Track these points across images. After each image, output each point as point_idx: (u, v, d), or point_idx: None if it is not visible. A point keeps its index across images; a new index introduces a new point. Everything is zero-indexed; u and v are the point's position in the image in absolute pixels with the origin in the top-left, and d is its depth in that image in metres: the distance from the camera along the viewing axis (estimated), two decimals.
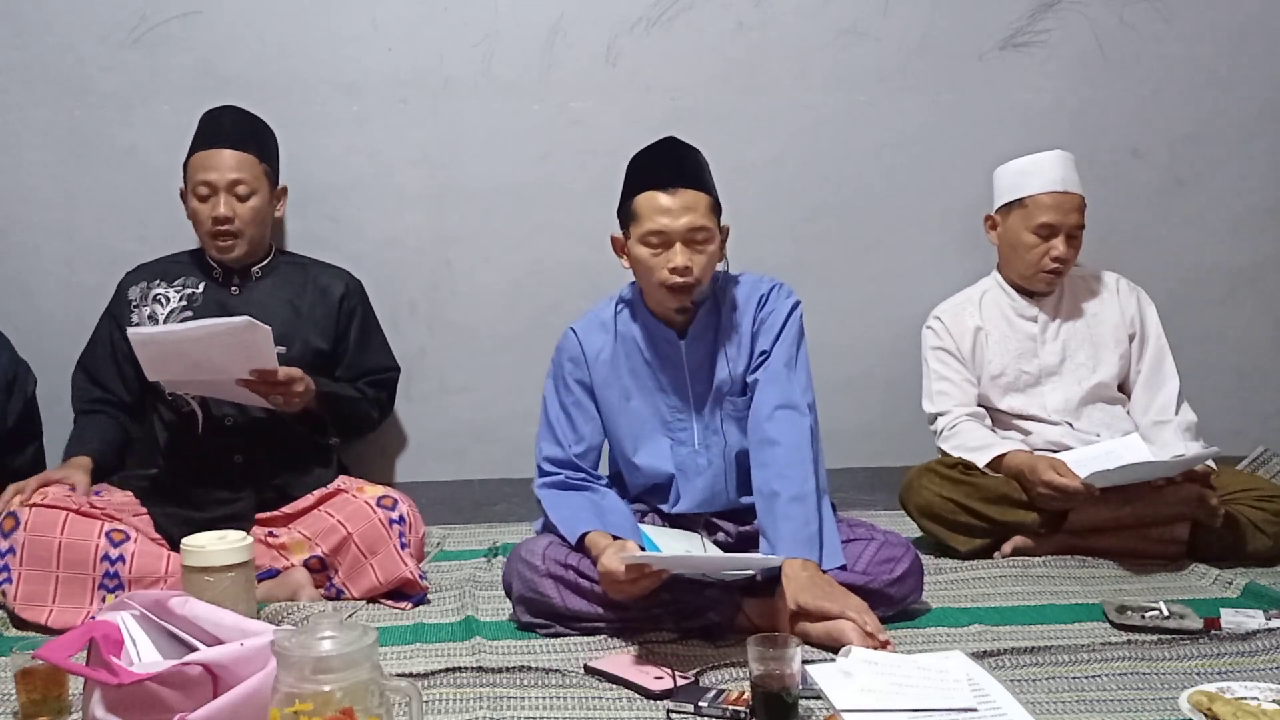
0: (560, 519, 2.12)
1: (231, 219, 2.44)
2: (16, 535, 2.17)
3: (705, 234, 2.10)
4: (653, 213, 2.09)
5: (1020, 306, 2.71)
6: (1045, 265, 2.62)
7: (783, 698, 1.58)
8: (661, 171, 2.13)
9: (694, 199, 2.10)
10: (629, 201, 2.15)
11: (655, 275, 2.12)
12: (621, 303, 2.29)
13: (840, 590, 1.98)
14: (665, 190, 2.09)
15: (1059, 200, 2.60)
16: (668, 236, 2.09)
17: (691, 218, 2.08)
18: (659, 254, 2.11)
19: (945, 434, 2.64)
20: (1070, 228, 2.60)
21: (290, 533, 2.34)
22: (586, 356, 2.25)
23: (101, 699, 1.44)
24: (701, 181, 2.14)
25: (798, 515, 2.04)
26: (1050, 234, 2.60)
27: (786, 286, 2.26)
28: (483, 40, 2.82)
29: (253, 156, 2.48)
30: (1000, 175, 2.70)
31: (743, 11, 2.85)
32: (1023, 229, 2.62)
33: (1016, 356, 2.68)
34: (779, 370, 2.17)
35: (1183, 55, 2.94)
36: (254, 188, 2.47)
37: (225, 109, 2.54)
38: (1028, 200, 2.62)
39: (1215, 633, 1.97)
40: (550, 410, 2.27)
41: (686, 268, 2.09)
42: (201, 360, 2.23)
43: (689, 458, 2.23)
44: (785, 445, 2.11)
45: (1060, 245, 2.60)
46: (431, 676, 1.82)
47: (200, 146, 2.47)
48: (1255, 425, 2.81)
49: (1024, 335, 2.69)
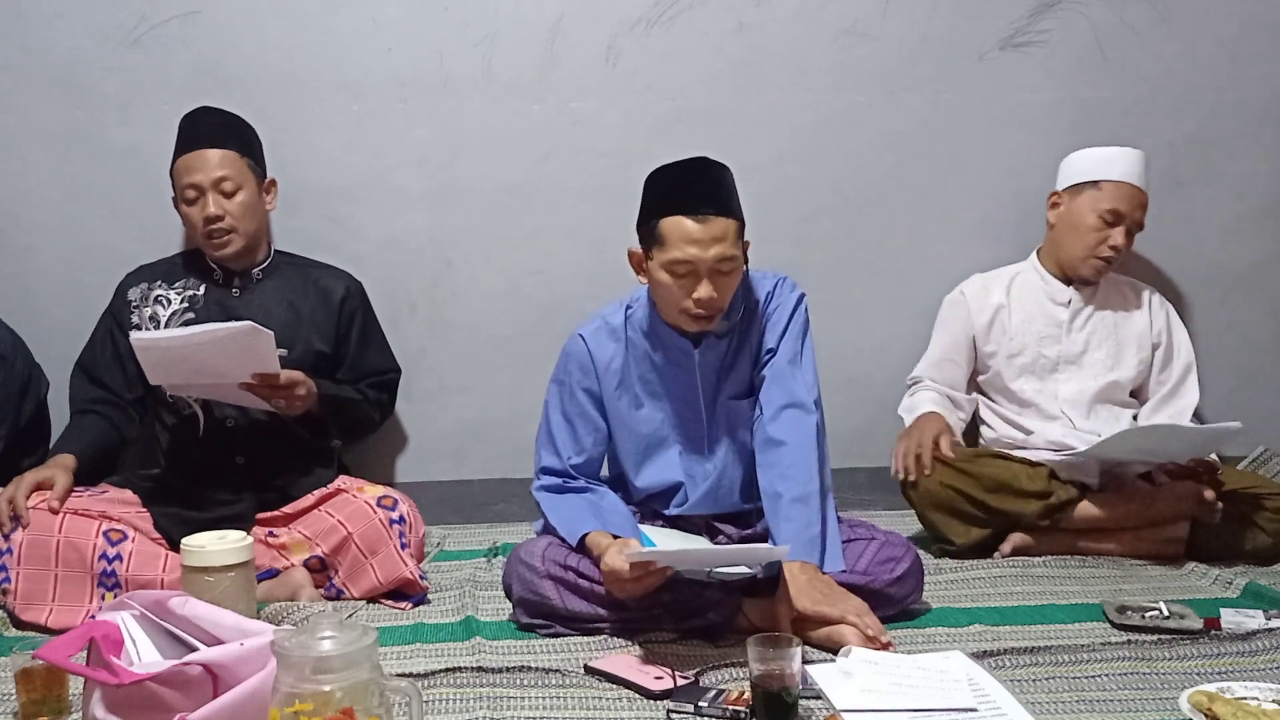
0: (560, 521, 2.12)
1: (221, 216, 2.43)
2: (15, 535, 2.18)
3: (733, 264, 2.02)
4: (681, 241, 1.99)
5: (1053, 290, 2.72)
6: (1101, 251, 2.63)
7: (783, 698, 1.58)
8: (692, 196, 2.01)
9: (724, 228, 1.99)
10: (653, 221, 2.03)
11: (678, 304, 2.05)
12: (632, 308, 2.23)
13: (840, 592, 1.97)
14: (695, 217, 1.98)
15: (1133, 193, 2.62)
16: (695, 268, 2.00)
17: (721, 248, 1.99)
18: (684, 283, 2.02)
19: (906, 397, 2.72)
20: (1132, 223, 2.63)
21: (290, 533, 2.34)
22: (596, 365, 2.19)
23: (101, 699, 1.44)
24: (730, 208, 2.03)
25: (800, 517, 2.04)
26: (1115, 221, 2.61)
27: (790, 280, 2.23)
28: (483, 40, 2.82)
29: (234, 152, 2.47)
30: (1075, 158, 2.70)
31: (743, 12, 2.85)
32: (1090, 210, 2.63)
33: (1039, 339, 2.69)
34: (784, 368, 2.15)
35: (1183, 55, 2.93)
36: (239, 183, 2.46)
37: (200, 110, 2.52)
38: (1104, 184, 2.63)
39: (1215, 633, 1.97)
40: (552, 418, 2.23)
41: (712, 299, 2.02)
42: (204, 364, 2.24)
43: (697, 464, 2.21)
44: (790, 445, 2.10)
45: (1119, 235, 2.61)
46: (431, 676, 1.82)
47: (181, 151, 2.47)
48: (1255, 425, 2.80)
49: (1051, 319, 2.70)
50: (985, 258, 2.84)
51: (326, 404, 2.46)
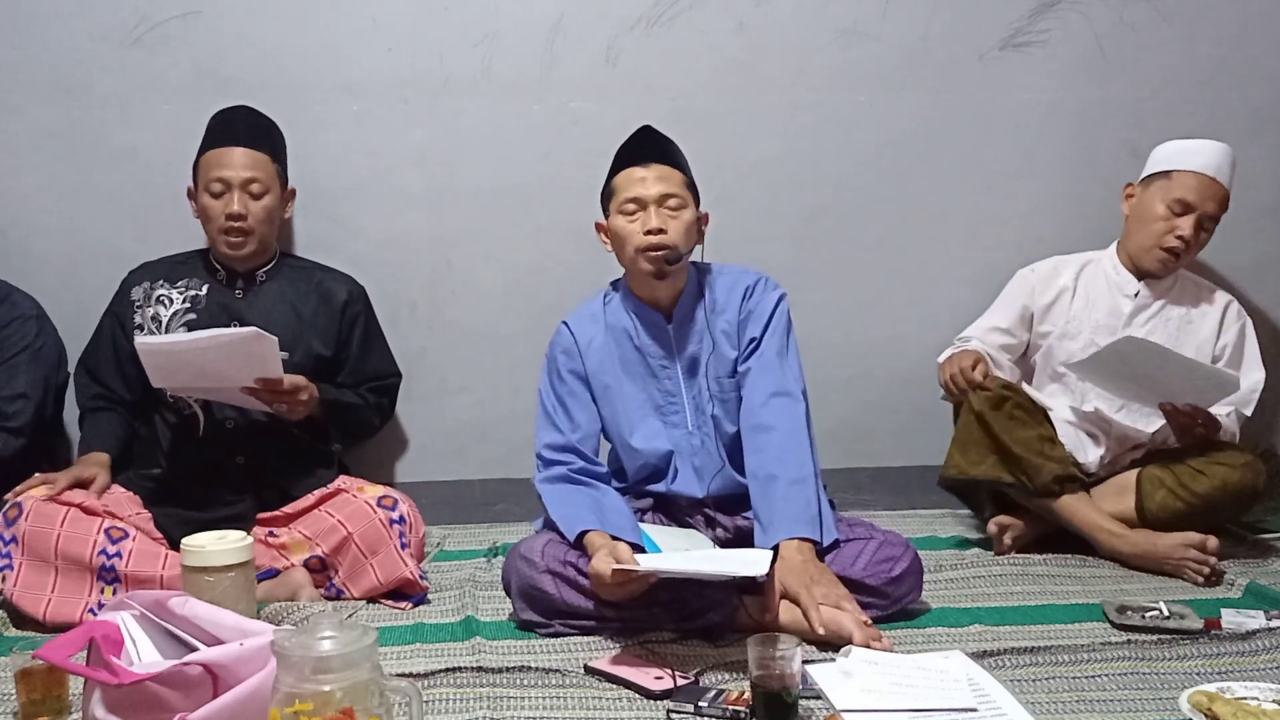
0: (560, 516, 2.13)
1: (245, 216, 2.44)
2: (19, 525, 2.19)
3: (679, 201, 2.21)
4: (628, 183, 2.22)
5: (1123, 281, 2.65)
6: (1166, 242, 2.54)
7: (783, 698, 1.58)
8: (636, 150, 2.26)
9: (667, 172, 2.22)
10: (608, 184, 2.28)
11: (632, 241, 2.20)
12: (609, 293, 2.35)
13: (830, 577, 2.00)
14: (640, 164, 2.23)
15: (1204, 183, 2.54)
16: (642, 200, 2.19)
17: (665, 186, 2.20)
18: (635, 219, 2.20)
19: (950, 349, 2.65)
20: (1204, 215, 2.54)
21: (290, 533, 2.34)
22: (580, 346, 2.30)
23: (101, 699, 1.44)
24: (675, 160, 2.26)
25: (799, 497, 2.09)
26: (1183, 211, 2.53)
27: (771, 279, 2.33)
28: (483, 40, 2.82)
29: (266, 156, 2.48)
30: (1158, 150, 2.64)
31: (743, 11, 2.85)
32: (1158, 200, 2.56)
33: (1095, 327, 2.61)
34: (771, 359, 2.23)
35: (1183, 55, 2.93)
36: (267, 186, 2.47)
37: (238, 108, 2.54)
38: (1174, 173, 2.56)
39: (1215, 633, 1.97)
40: (546, 402, 2.31)
41: (661, 229, 2.17)
42: (207, 368, 2.25)
43: (683, 439, 2.27)
44: (781, 430, 2.16)
45: (1187, 226, 2.52)
46: (431, 676, 1.82)
47: (214, 144, 2.47)
48: (1255, 425, 2.80)
49: (1114, 309, 2.63)
50: (985, 257, 2.84)
51: (328, 409, 2.47)
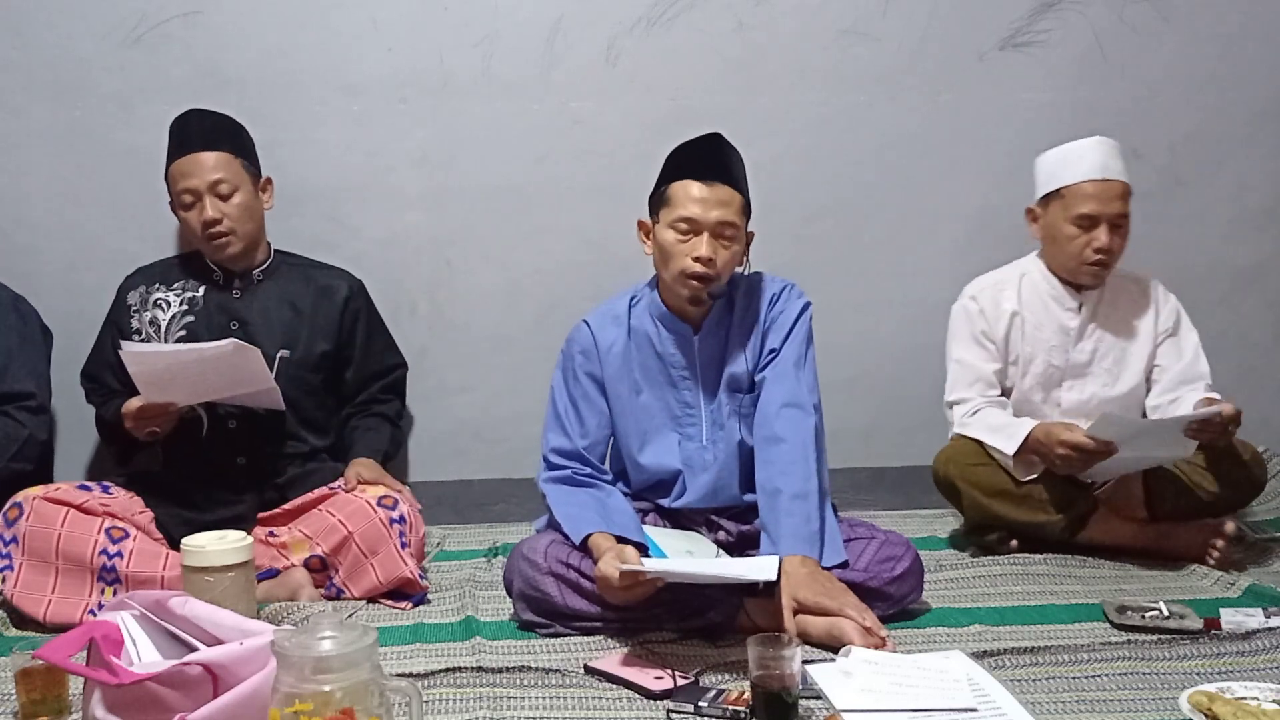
0: (565, 516, 2.12)
1: (220, 219, 2.43)
2: (19, 525, 2.19)
3: (733, 231, 2.13)
4: (686, 200, 2.12)
5: (1061, 295, 2.58)
6: (1088, 257, 2.48)
7: (783, 698, 1.58)
8: (701, 163, 2.15)
9: (729, 195, 2.13)
10: (663, 187, 2.17)
11: (678, 262, 2.13)
12: (636, 297, 2.30)
13: (840, 587, 1.98)
14: (702, 181, 2.12)
15: (1099, 188, 2.46)
16: (698, 225, 2.11)
17: (723, 212, 2.11)
18: (685, 241, 2.13)
19: (964, 421, 2.54)
20: (1113, 216, 2.46)
21: (290, 532, 2.34)
22: (599, 349, 2.26)
23: (101, 699, 1.44)
24: (738, 181, 2.16)
25: (799, 512, 2.06)
26: (1092, 224, 2.46)
27: (798, 288, 2.28)
28: (483, 40, 2.82)
29: (227, 154, 2.46)
30: (1039, 165, 2.56)
31: (743, 11, 2.85)
32: (1063, 220, 2.49)
33: (1049, 349, 2.57)
34: (787, 369, 2.19)
35: (1183, 55, 2.93)
36: (235, 184, 2.46)
37: (190, 113, 2.51)
38: (1065, 190, 2.48)
39: (1215, 633, 1.97)
40: (558, 402, 2.28)
41: (710, 259, 2.11)
42: (193, 381, 2.26)
43: (696, 453, 2.24)
44: (790, 443, 2.12)
45: (1103, 236, 2.45)
46: (431, 676, 1.82)
47: (174, 155, 2.46)
48: (1255, 425, 2.80)
49: (1061, 326, 2.58)
50: (985, 258, 2.83)
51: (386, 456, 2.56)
